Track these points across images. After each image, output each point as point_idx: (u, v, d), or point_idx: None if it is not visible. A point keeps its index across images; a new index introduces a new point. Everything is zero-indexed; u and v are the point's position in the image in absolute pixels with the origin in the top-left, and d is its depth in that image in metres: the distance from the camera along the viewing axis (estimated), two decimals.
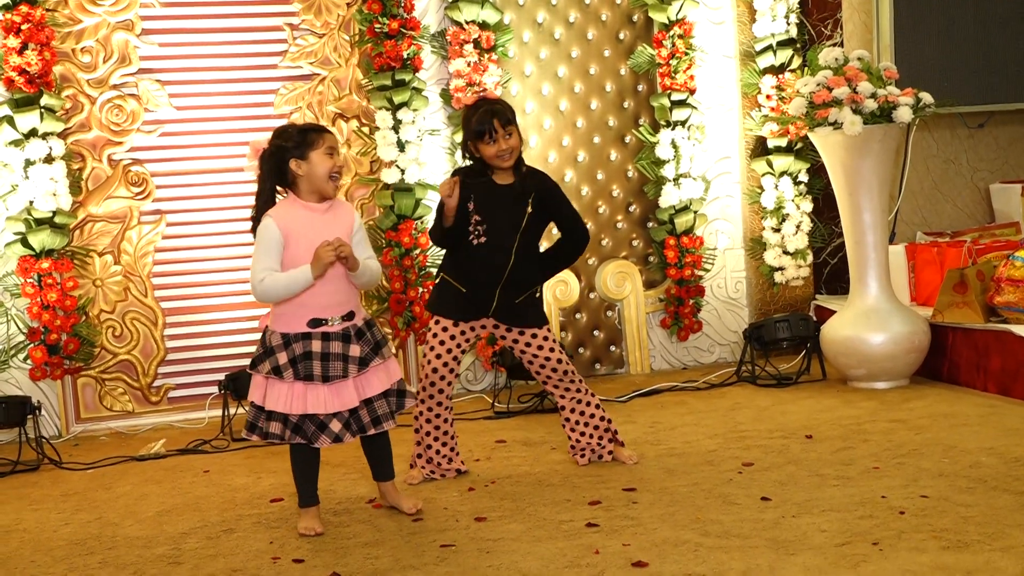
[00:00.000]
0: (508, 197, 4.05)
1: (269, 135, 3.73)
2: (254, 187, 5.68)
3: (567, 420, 4.30)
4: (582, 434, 4.29)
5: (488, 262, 4.06)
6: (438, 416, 4.20)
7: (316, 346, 3.58)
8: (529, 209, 4.07)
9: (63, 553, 3.64)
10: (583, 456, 4.30)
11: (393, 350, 3.99)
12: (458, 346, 4.14)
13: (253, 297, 3.62)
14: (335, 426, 3.60)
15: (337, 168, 3.64)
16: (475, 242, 4.03)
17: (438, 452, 4.23)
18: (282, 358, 3.56)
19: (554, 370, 4.19)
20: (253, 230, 3.64)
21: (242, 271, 5.68)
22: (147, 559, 3.52)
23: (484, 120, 3.96)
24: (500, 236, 4.04)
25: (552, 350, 4.17)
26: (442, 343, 4.12)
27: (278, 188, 3.69)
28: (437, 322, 4.14)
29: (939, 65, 6.30)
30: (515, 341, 4.18)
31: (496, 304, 4.09)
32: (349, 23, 5.76)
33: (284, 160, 3.61)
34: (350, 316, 3.66)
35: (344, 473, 4.36)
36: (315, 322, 3.59)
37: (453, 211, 3.97)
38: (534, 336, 4.16)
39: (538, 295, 4.23)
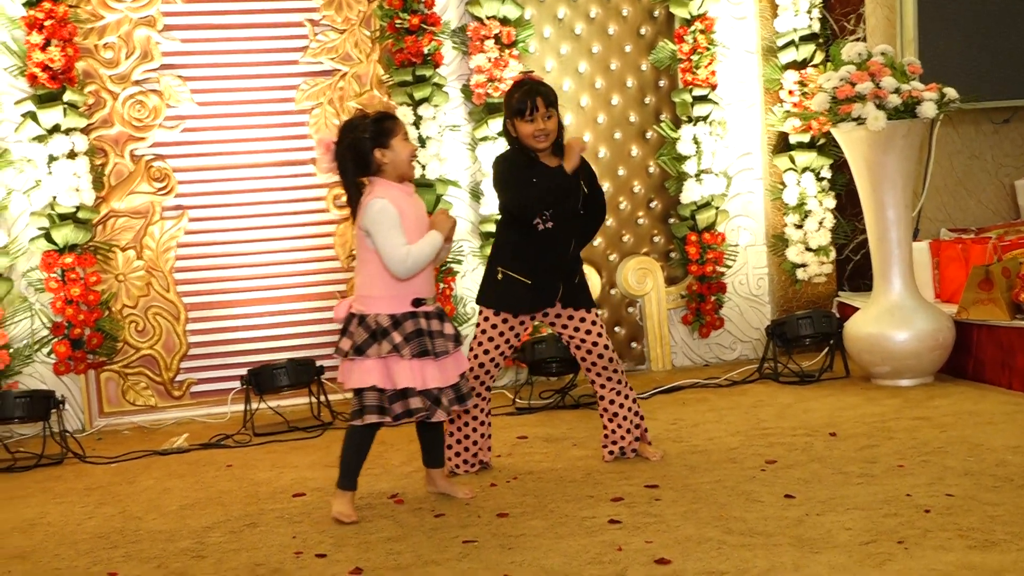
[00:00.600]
0: (562, 179, 4.04)
1: (334, 130, 3.83)
2: (276, 183, 5.74)
3: (605, 411, 4.29)
4: (619, 426, 4.27)
5: (554, 247, 4.06)
6: (476, 406, 4.20)
7: (423, 324, 3.68)
8: (585, 190, 4.09)
9: (87, 546, 3.65)
10: (611, 453, 4.29)
11: None
12: (506, 341, 4.13)
13: (400, 273, 3.63)
14: (446, 400, 3.73)
15: (414, 150, 3.80)
16: (540, 227, 4.02)
17: (475, 443, 4.22)
18: (397, 337, 3.64)
19: (600, 356, 4.18)
20: (353, 217, 3.73)
21: (264, 266, 5.70)
22: (170, 553, 3.53)
23: (526, 97, 3.95)
24: (562, 220, 4.04)
25: (600, 335, 4.17)
26: (491, 339, 4.11)
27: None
28: (487, 319, 4.12)
29: (963, 60, 6.26)
30: (564, 326, 4.18)
31: (563, 289, 4.10)
32: (370, 19, 5.76)
33: (367, 151, 3.67)
34: (434, 298, 3.79)
35: (366, 468, 4.33)
36: (418, 301, 3.70)
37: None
38: (583, 320, 4.16)
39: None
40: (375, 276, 3.68)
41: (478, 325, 4.15)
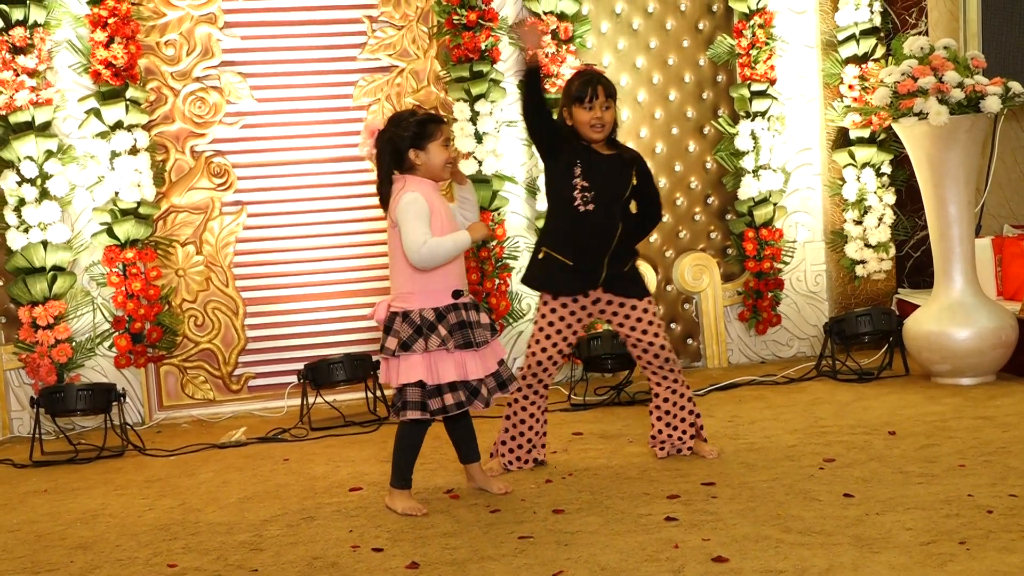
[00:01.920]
0: (611, 167, 4.06)
1: (384, 117, 3.85)
2: (334, 179, 5.77)
3: (657, 408, 4.26)
4: (668, 424, 4.25)
5: (596, 230, 4.05)
6: (533, 404, 4.20)
7: (464, 315, 3.74)
8: (634, 181, 4.09)
9: (148, 538, 3.70)
10: (662, 449, 4.27)
11: None
12: (568, 327, 4.11)
13: (414, 261, 3.66)
14: (484, 391, 3.77)
15: (452, 157, 3.81)
16: (582, 209, 4.02)
17: (529, 440, 4.21)
18: (443, 331, 3.69)
19: (655, 356, 4.16)
20: (383, 205, 3.79)
21: (321, 261, 5.74)
22: (229, 545, 3.57)
23: (587, 85, 3.98)
24: (606, 204, 4.03)
25: (656, 335, 4.15)
26: (551, 324, 4.11)
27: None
28: (546, 303, 4.12)
29: None
30: (620, 324, 4.15)
31: (605, 274, 4.08)
32: (428, 15, 5.78)
33: (403, 149, 3.75)
34: (467, 289, 3.86)
35: (421, 463, 4.35)
36: (457, 293, 3.76)
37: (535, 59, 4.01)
38: (639, 316, 4.12)
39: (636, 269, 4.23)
40: (411, 272, 3.71)
41: (538, 315, 4.13)
